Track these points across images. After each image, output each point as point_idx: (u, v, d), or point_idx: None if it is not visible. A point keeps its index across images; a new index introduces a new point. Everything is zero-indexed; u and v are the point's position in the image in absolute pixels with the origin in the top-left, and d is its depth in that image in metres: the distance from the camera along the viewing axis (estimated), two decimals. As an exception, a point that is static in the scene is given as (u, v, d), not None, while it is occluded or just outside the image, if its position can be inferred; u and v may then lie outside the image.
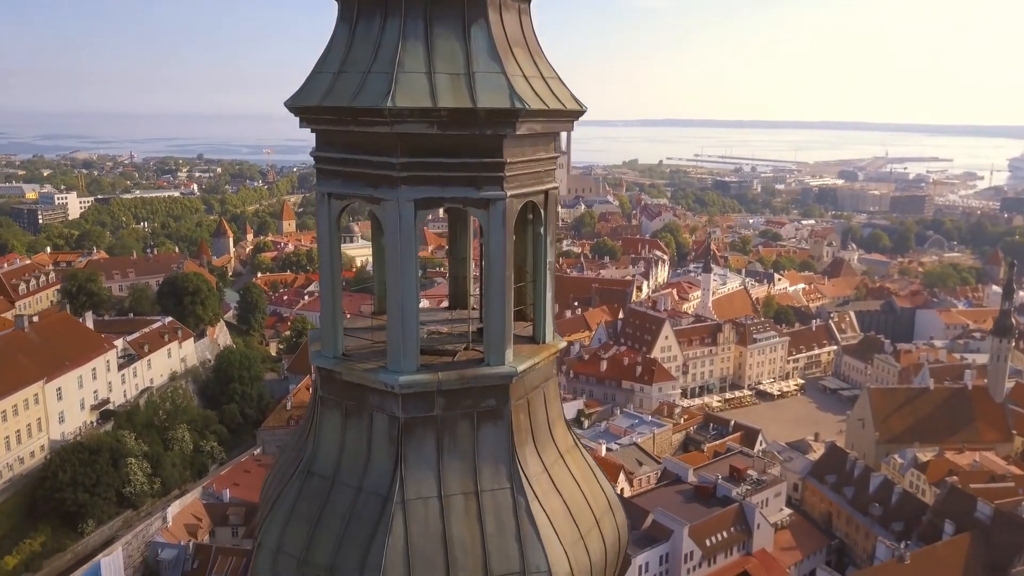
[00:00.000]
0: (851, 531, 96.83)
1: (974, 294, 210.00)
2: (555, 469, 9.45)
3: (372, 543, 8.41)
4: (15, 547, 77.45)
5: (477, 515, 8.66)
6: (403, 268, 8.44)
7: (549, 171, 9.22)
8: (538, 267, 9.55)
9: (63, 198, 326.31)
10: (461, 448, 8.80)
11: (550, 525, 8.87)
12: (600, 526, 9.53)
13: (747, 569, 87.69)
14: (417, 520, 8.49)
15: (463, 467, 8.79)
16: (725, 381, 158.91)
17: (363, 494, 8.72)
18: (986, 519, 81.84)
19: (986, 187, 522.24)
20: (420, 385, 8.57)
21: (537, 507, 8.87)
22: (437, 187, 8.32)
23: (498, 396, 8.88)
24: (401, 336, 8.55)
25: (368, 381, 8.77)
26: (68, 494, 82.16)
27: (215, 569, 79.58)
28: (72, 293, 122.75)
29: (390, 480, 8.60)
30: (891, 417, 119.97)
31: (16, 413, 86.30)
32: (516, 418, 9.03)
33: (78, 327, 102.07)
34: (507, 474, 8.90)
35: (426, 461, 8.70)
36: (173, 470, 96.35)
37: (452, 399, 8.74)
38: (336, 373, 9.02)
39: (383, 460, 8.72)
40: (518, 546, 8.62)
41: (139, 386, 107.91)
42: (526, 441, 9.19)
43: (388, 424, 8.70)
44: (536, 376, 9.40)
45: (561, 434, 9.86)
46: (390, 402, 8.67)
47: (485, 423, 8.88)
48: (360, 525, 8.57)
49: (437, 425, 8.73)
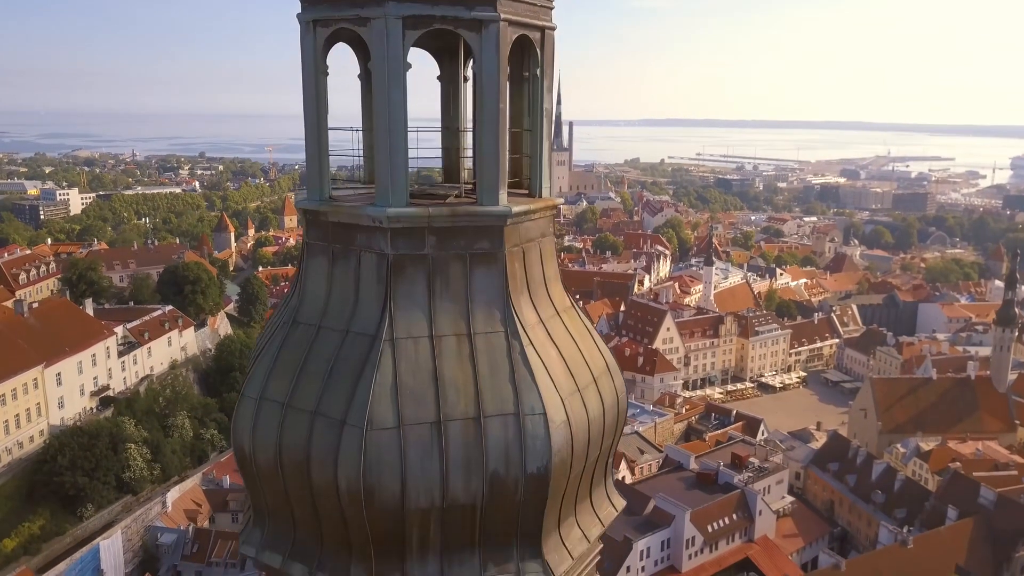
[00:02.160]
0: (853, 519, 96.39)
1: (977, 289, 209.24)
2: (552, 324, 9.11)
3: (359, 381, 8.07)
4: (14, 530, 77.08)
5: (470, 356, 8.33)
6: (391, 95, 8.08)
7: (546, 7, 8.85)
8: (535, 115, 9.19)
9: (65, 194, 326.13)
10: (453, 290, 8.46)
11: (546, 373, 8.53)
12: (598, 385, 9.18)
13: (749, 556, 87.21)
14: (407, 358, 8.15)
15: (455, 309, 8.45)
16: (727, 373, 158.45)
17: (350, 336, 8.39)
18: (989, 504, 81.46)
19: (988, 185, 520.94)
20: (410, 219, 8.22)
21: (533, 353, 8.53)
22: (426, 3, 7.95)
23: (492, 239, 8.53)
24: (389, 168, 8.19)
25: (356, 218, 8.44)
26: (67, 477, 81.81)
27: (215, 553, 79.43)
28: (72, 282, 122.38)
29: (379, 320, 8.26)
30: (894, 407, 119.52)
31: (15, 397, 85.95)
32: (511, 265, 8.68)
33: (78, 313, 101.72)
34: (501, 319, 8.56)
35: (416, 302, 8.35)
36: (173, 457, 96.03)
37: (443, 238, 8.39)
38: (322, 214, 8.69)
39: (371, 301, 8.38)
40: (512, 388, 8.28)
41: (139, 374, 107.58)
42: (521, 291, 8.84)
43: (376, 263, 8.36)
44: (531, 229, 9.06)
45: (558, 294, 9.52)
46: (379, 239, 8.32)
47: (478, 266, 8.54)
48: (346, 366, 8.23)
49: (428, 265, 8.38)
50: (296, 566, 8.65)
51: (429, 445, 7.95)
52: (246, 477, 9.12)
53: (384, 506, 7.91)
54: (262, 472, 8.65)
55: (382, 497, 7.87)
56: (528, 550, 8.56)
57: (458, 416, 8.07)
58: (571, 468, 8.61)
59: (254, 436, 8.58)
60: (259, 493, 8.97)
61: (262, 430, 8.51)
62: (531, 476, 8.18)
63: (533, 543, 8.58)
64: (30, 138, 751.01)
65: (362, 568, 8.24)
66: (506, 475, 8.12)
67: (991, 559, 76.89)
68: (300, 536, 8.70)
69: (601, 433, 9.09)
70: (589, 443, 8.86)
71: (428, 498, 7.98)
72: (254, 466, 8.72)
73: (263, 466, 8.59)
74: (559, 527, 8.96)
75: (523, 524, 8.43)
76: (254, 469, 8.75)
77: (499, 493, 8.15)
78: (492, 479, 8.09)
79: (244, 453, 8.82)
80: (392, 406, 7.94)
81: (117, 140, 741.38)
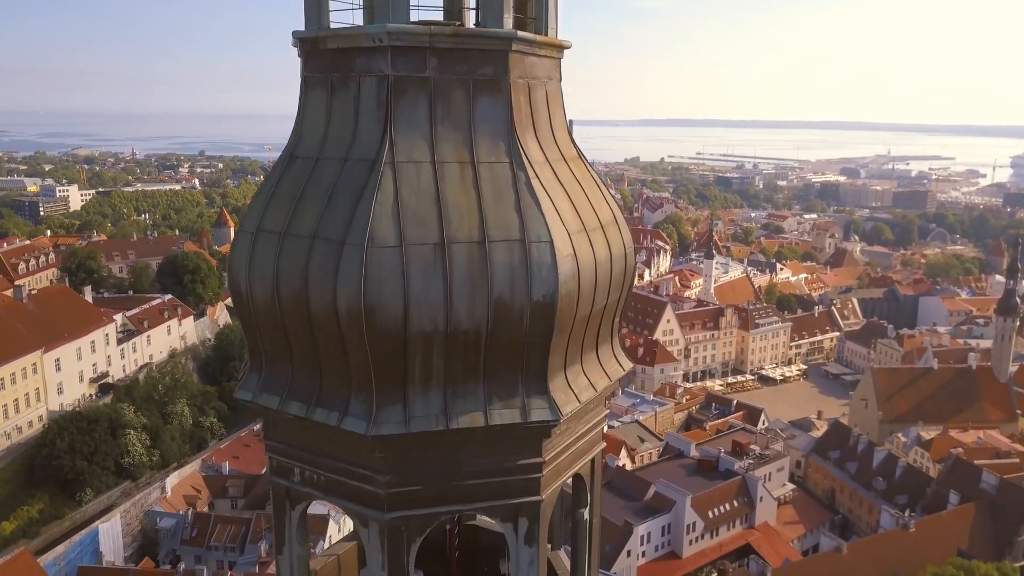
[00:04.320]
0: (854, 506, 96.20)
1: (977, 284, 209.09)
2: (559, 167, 8.83)
3: (359, 203, 7.79)
4: (12, 513, 76.84)
5: (474, 183, 8.05)
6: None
7: None
8: None
9: (64, 190, 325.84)
10: (456, 117, 8.18)
11: (552, 207, 8.25)
12: (606, 232, 8.90)
13: (750, 542, 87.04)
14: (408, 181, 7.87)
15: (458, 137, 8.17)
16: (727, 366, 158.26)
17: (349, 163, 8.11)
18: (991, 489, 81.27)
19: (989, 184, 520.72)
20: (411, 36, 7.94)
21: (539, 186, 8.26)
22: None
23: (496, 64, 8.25)
24: (390, -17, 7.90)
25: (354, 40, 8.17)
26: (66, 461, 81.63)
27: (214, 537, 79.12)
28: (72, 270, 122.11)
29: (379, 144, 7.97)
30: (895, 397, 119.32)
31: (14, 382, 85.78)
32: (515, 97, 8.40)
33: (77, 300, 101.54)
34: (506, 151, 8.28)
35: (418, 127, 8.07)
36: (172, 443, 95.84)
37: (445, 60, 8.11)
38: (320, 41, 8.42)
39: (371, 126, 8.09)
40: (517, 215, 8.00)
41: (138, 361, 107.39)
42: (527, 127, 8.56)
43: (376, 86, 8.08)
44: (537, 66, 8.77)
45: (565, 142, 9.23)
46: (378, 60, 8.04)
47: (482, 93, 8.26)
48: (346, 191, 7.95)
49: (430, 88, 8.09)
50: (294, 404, 8.38)
51: (432, 266, 7.67)
52: (243, 319, 8.82)
53: (385, 329, 7.61)
54: (259, 309, 8.36)
55: (383, 319, 7.58)
56: (534, 386, 8.28)
57: (462, 239, 7.79)
58: (577, 307, 8.31)
59: (251, 270, 8.29)
60: (256, 335, 8.68)
61: (259, 261, 8.23)
62: (537, 304, 7.89)
63: (539, 380, 8.30)
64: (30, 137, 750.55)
65: (362, 399, 7.95)
66: (511, 301, 7.84)
67: (993, 543, 76.65)
68: (298, 376, 8.42)
69: (608, 281, 8.79)
70: (596, 286, 8.56)
71: (431, 322, 7.69)
72: (251, 304, 8.43)
73: (260, 302, 8.30)
74: (565, 371, 8.68)
75: (529, 357, 8.14)
76: (251, 308, 8.46)
77: (504, 320, 7.86)
78: (497, 305, 7.80)
79: (241, 292, 8.53)
80: (394, 225, 7.66)
81: (117, 139, 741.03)
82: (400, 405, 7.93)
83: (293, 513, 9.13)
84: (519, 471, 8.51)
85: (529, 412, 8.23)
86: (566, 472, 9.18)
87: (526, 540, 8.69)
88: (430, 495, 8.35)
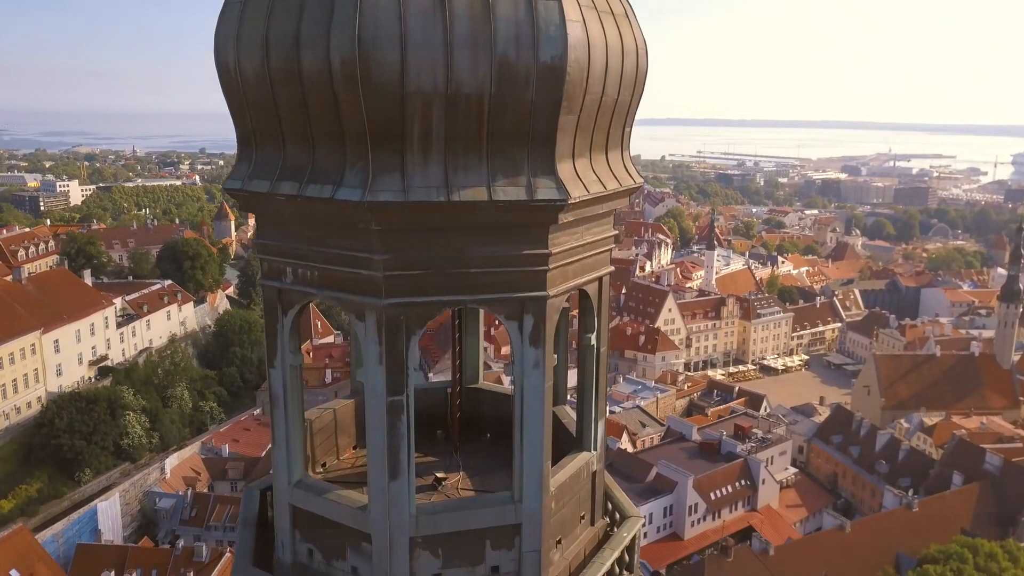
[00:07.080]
0: (857, 490, 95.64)
1: (979, 277, 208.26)
2: None
3: None
4: (11, 492, 76.42)
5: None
6: None
7: None
8: None
9: (65, 186, 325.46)
10: None
11: None
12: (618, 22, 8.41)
13: (752, 524, 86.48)
14: None
15: None
16: (729, 356, 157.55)
17: None
18: (995, 470, 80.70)
19: (990, 181, 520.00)
20: None
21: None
22: None
23: None
24: None
25: None
26: (64, 440, 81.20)
27: (213, 517, 78.70)
28: (71, 255, 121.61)
29: None
30: (897, 383, 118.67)
31: (12, 362, 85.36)
32: None
33: (76, 283, 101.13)
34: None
35: None
36: (172, 426, 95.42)
37: None
38: None
39: None
40: None
41: (138, 346, 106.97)
42: None
43: None
44: None
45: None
46: None
47: None
48: None
49: None
50: (285, 184, 7.93)
51: (431, 15, 7.19)
52: (231, 99, 8.35)
53: (382, 86, 7.15)
54: (248, 83, 7.90)
55: (379, 74, 7.12)
56: (541, 166, 7.81)
57: None
58: (587, 85, 7.84)
59: (239, 40, 7.82)
60: (245, 114, 8.23)
61: (247, 28, 7.76)
62: (544, 66, 7.43)
63: (546, 160, 7.83)
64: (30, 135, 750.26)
65: (358, 169, 7.49)
66: (517, 61, 7.37)
67: (996, 522, 76.09)
68: (290, 156, 7.98)
69: (620, 70, 8.32)
70: (607, 70, 8.09)
71: (431, 79, 7.22)
72: (239, 79, 7.97)
73: (250, 74, 7.83)
74: (574, 160, 8.22)
75: (535, 130, 7.67)
76: (239, 84, 8.00)
77: (509, 82, 7.39)
78: (501, 64, 7.34)
79: (228, 67, 8.06)
80: None
81: (117, 138, 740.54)
82: (398, 174, 7.48)
83: (285, 320, 8.70)
84: (524, 262, 8.07)
85: (535, 190, 7.78)
86: (573, 279, 8.73)
87: (531, 340, 8.24)
88: (431, 282, 7.91)
